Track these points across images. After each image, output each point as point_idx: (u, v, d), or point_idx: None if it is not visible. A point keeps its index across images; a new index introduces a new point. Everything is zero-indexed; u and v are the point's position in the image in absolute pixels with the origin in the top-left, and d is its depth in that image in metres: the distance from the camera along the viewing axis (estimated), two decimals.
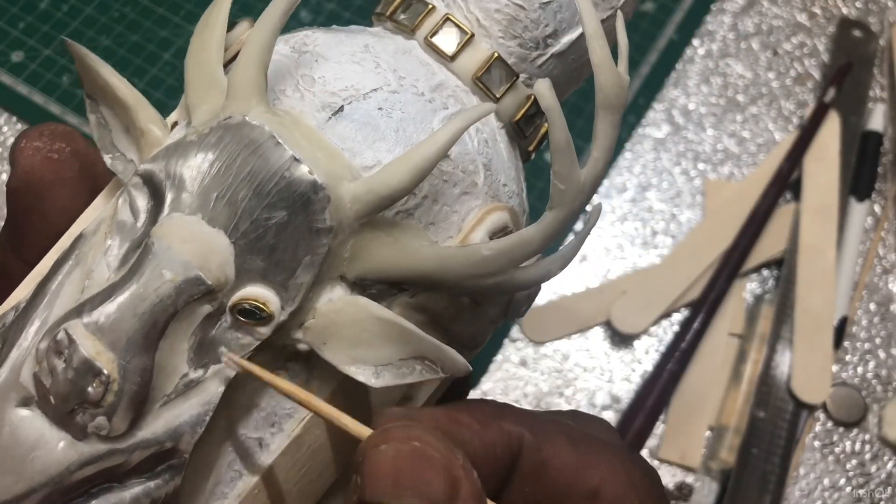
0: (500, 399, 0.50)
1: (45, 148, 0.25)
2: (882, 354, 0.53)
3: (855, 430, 0.51)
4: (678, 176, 0.57)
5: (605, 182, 0.56)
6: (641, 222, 0.56)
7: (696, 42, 0.61)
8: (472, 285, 0.23)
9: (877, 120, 0.58)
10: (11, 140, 0.56)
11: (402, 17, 0.26)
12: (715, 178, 0.57)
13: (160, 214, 0.21)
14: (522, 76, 0.27)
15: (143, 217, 0.22)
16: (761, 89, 0.60)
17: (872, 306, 0.54)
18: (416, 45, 0.26)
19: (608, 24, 0.27)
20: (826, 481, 0.50)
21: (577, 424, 0.23)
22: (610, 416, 0.51)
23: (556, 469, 0.21)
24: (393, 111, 0.23)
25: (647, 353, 0.52)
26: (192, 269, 0.21)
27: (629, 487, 0.21)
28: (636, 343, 0.53)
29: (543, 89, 0.22)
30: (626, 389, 0.51)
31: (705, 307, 0.52)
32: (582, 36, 0.26)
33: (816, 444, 0.50)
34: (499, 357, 0.52)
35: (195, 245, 0.21)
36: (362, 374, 0.21)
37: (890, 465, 0.50)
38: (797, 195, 0.56)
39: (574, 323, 0.53)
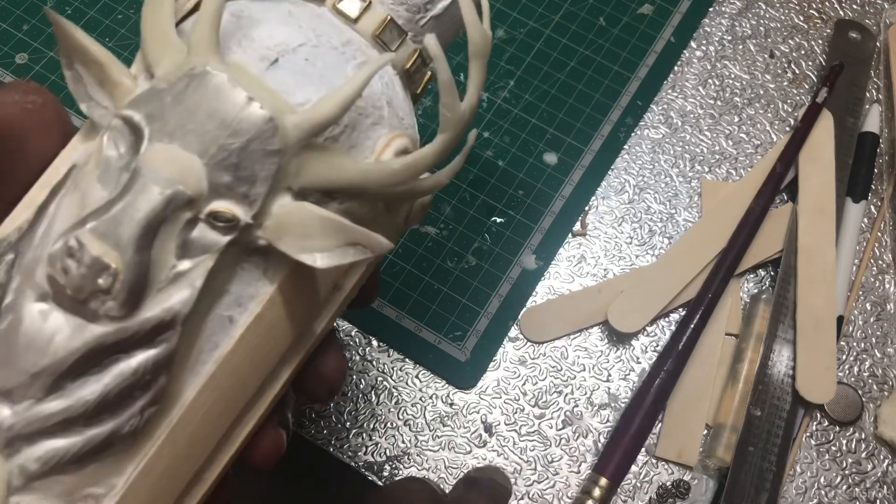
0: (499, 397, 0.51)
1: (22, 100, 0.29)
2: (878, 353, 0.53)
3: (851, 429, 0.51)
4: (675, 177, 0.57)
5: (603, 183, 0.57)
6: (639, 223, 0.56)
7: (693, 44, 0.62)
8: (386, 192, 0.29)
9: (873, 121, 0.58)
10: None
11: None
12: (712, 179, 0.57)
13: (141, 146, 0.26)
14: (409, 34, 0.34)
15: (126, 150, 0.26)
16: (758, 91, 0.60)
17: (868, 306, 0.54)
18: (326, 10, 0.32)
19: None
20: (822, 479, 0.50)
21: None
22: (608, 415, 0.51)
23: None
24: (317, 61, 0.29)
25: (645, 352, 0.53)
26: (175, 184, 0.26)
27: None
28: (634, 342, 0.53)
29: (431, 42, 0.28)
30: (625, 388, 0.52)
31: (702, 307, 0.52)
32: (453, 2, 0.34)
33: (813, 442, 0.51)
34: (498, 356, 0.52)
35: (176, 166, 0.26)
36: (309, 259, 0.27)
37: (885, 463, 0.50)
38: (794, 196, 0.56)
39: (572, 323, 0.53)
